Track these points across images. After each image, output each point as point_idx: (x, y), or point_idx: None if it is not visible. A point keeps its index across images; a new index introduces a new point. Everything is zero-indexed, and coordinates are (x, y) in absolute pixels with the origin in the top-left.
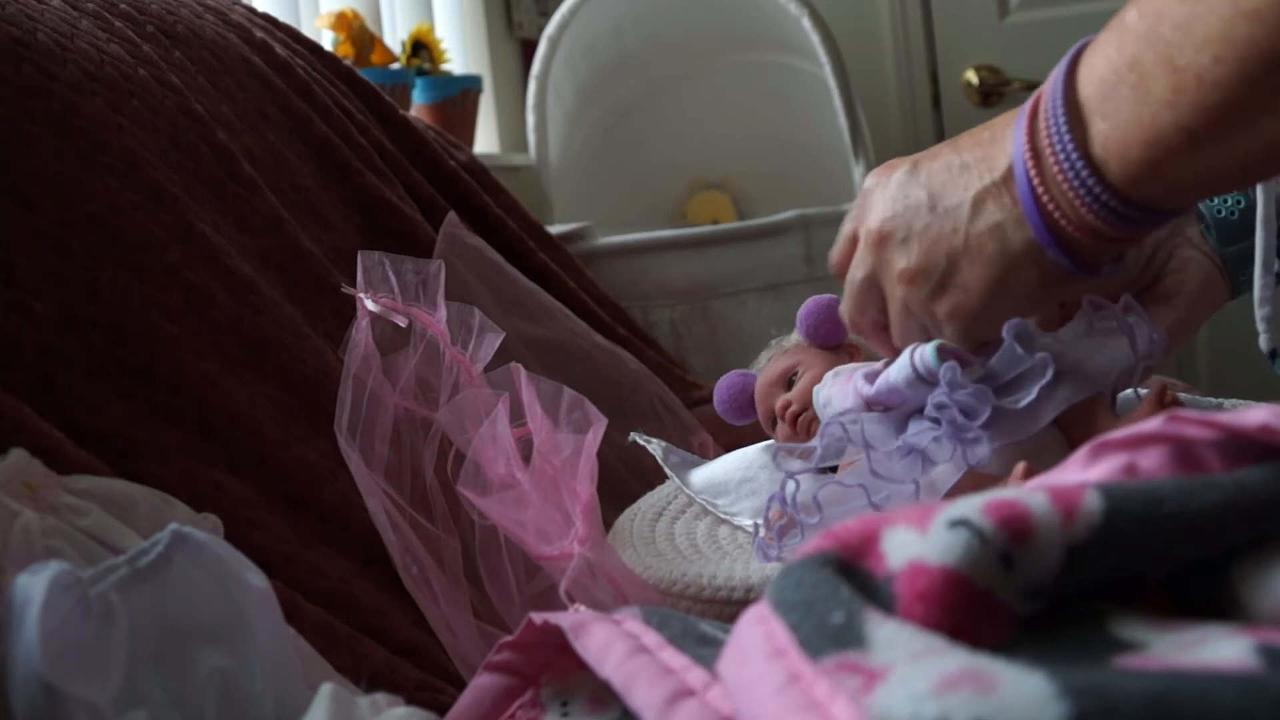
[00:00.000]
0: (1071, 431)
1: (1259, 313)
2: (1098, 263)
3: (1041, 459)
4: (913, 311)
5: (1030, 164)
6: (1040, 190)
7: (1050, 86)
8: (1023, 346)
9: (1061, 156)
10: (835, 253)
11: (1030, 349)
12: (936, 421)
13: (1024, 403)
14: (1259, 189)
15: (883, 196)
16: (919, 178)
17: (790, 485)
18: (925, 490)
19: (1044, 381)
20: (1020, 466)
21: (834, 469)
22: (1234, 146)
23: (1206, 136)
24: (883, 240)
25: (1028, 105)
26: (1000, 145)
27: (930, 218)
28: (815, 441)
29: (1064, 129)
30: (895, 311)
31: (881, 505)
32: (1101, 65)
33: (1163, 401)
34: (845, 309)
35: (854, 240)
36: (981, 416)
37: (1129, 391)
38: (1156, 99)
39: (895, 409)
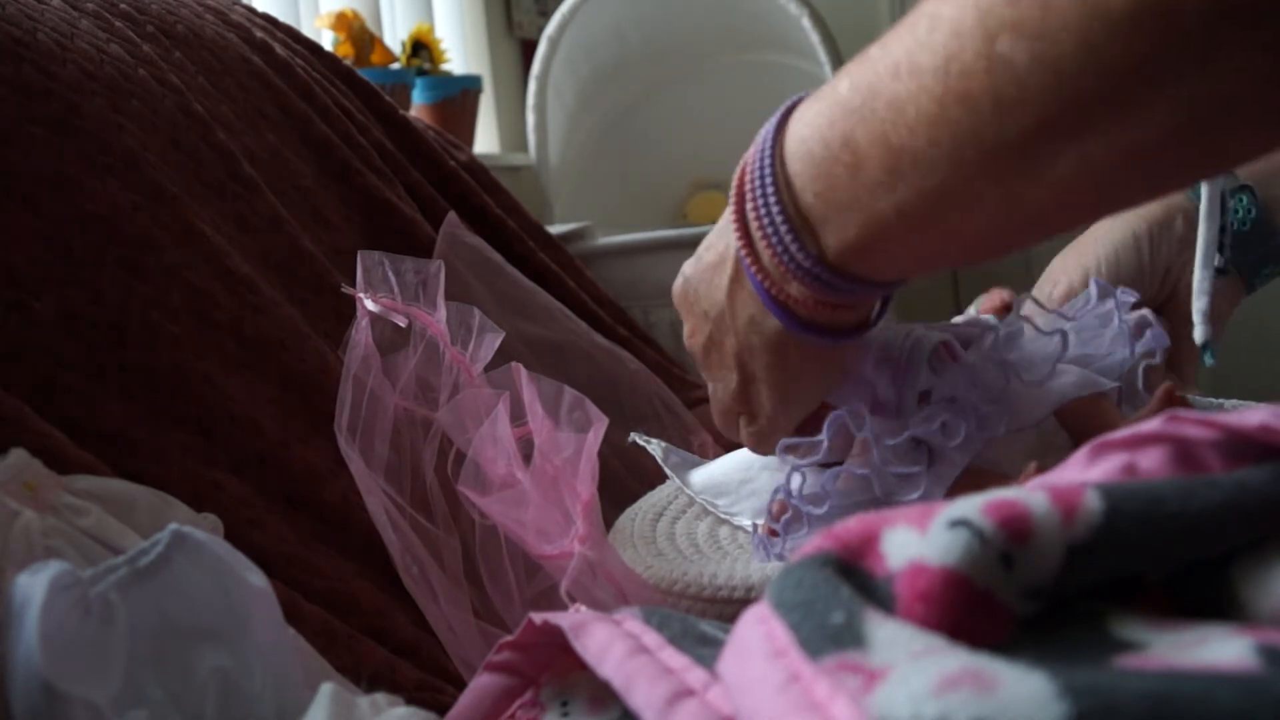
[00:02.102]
0: (1077, 430)
1: (1196, 304)
2: (855, 327)
3: (1046, 458)
4: (731, 406)
5: (746, 254)
6: (763, 280)
7: (755, 164)
8: (852, 428)
9: (779, 246)
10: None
11: (859, 430)
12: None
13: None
14: (1203, 186)
15: (683, 310)
16: (691, 288)
17: (796, 478)
18: (934, 481)
19: (1054, 361)
20: (1031, 466)
21: (839, 464)
22: (950, 229)
23: (922, 219)
24: (693, 350)
25: (733, 192)
26: (727, 235)
27: (709, 325)
28: (822, 435)
29: (774, 213)
30: (717, 409)
31: (888, 496)
32: (813, 140)
33: (1171, 402)
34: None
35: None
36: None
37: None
38: (871, 179)
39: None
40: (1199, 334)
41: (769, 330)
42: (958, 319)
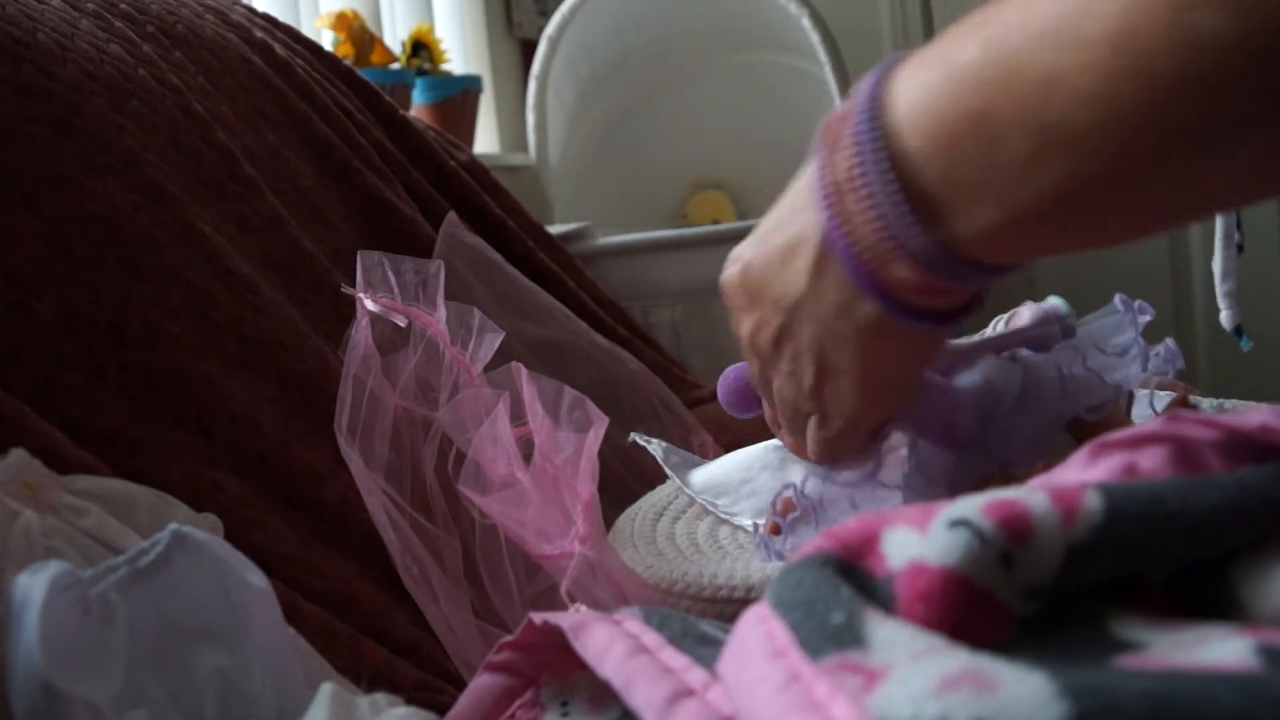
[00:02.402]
0: (1084, 436)
1: (1221, 288)
2: (957, 310)
3: (1051, 460)
4: (802, 409)
5: (844, 236)
6: (869, 266)
7: (858, 135)
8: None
9: (892, 229)
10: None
11: (913, 452)
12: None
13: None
14: None
15: (740, 301)
16: (754, 281)
17: (812, 481)
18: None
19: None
20: (1038, 465)
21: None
22: (1100, 214)
23: (1071, 204)
24: (757, 350)
25: (820, 159)
26: (809, 216)
27: (783, 317)
28: (876, 455)
29: (887, 194)
30: (785, 412)
31: (913, 497)
32: (934, 112)
33: (1184, 408)
34: (765, 406)
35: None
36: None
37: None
38: (1012, 160)
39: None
40: (1227, 319)
41: (863, 316)
42: (999, 327)
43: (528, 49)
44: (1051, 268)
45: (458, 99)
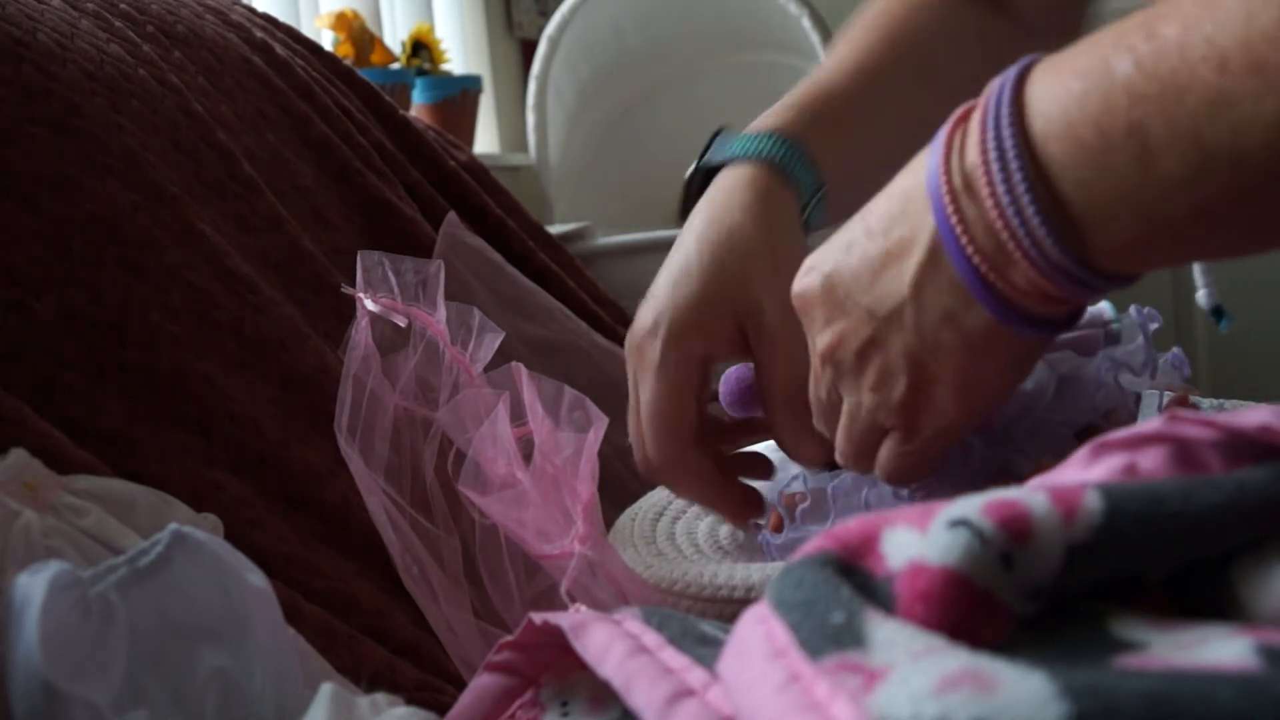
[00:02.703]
0: (1085, 437)
1: (1198, 265)
2: (1066, 319)
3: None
4: (883, 422)
5: (966, 241)
6: (986, 270)
7: (992, 140)
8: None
9: (1023, 235)
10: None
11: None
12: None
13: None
14: None
15: (815, 322)
16: (840, 290)
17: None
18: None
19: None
20: (1043, 463)
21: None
22: (1243, 228)
23: (1224, 223)
24: (837, 363)
25: (938, 161)
26: (919, 221)
27: (875, 327)
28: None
29: (1025, 201)
30: (858, 428)
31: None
32: (1081, 124)
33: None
34: (819, 423)
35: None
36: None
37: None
38: (1166, 177)
39: None
40: (1205, 298)
41: (971, 324)
42: None
43: (528, 49)
44: None
45: (458, 99)
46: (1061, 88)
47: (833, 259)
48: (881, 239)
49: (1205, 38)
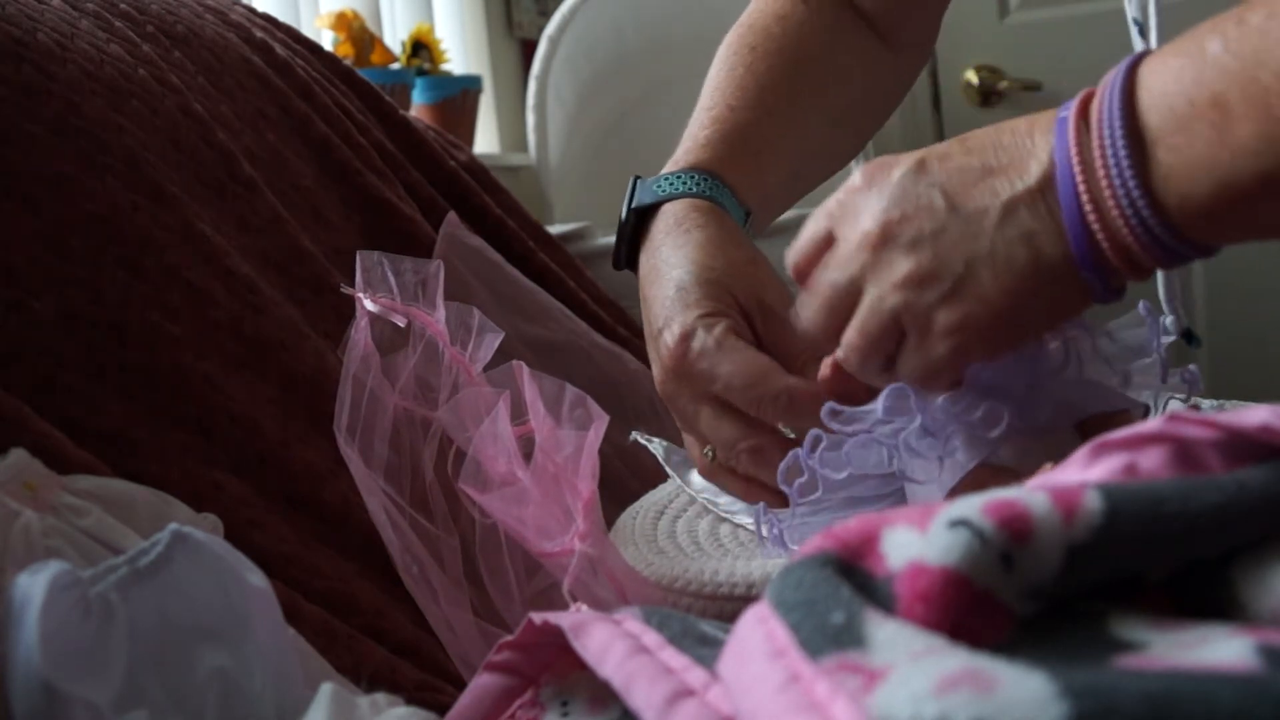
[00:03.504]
0: (1090, 435)
1: (1164, 293)
2: (1121, 288)
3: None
4: (905, 323)
5: (1081, 181)
6: (1089, 210)
7: (1105, 103)
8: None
9: (1118, 183)
10: (798, 254)
11: (922, 409)
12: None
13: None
14: None
15: (881, 195)
16: (930, 176)
17: (820, 440)
18: (949, 469)
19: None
20: (1046, 467)
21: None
22: None
23: None
24: (884, 241)
25: (1070, 116)
26: (1032, 153)
27: (948, 219)
28: (875, 403)
29: (1123, 153)
30: (875, 322)
31: (902, 472)
32: (1175, 93)
33: None
34: (814, 315)
35: (826, 241)
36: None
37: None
38: (1240, 144)
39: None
40: (1172, 325)
41: (1049, 253)
42: None
43: (528, 49)
44: None
45: (458, 99)
46: (1164, 66)
47: (917, 156)
48: (985, 157)
49: None
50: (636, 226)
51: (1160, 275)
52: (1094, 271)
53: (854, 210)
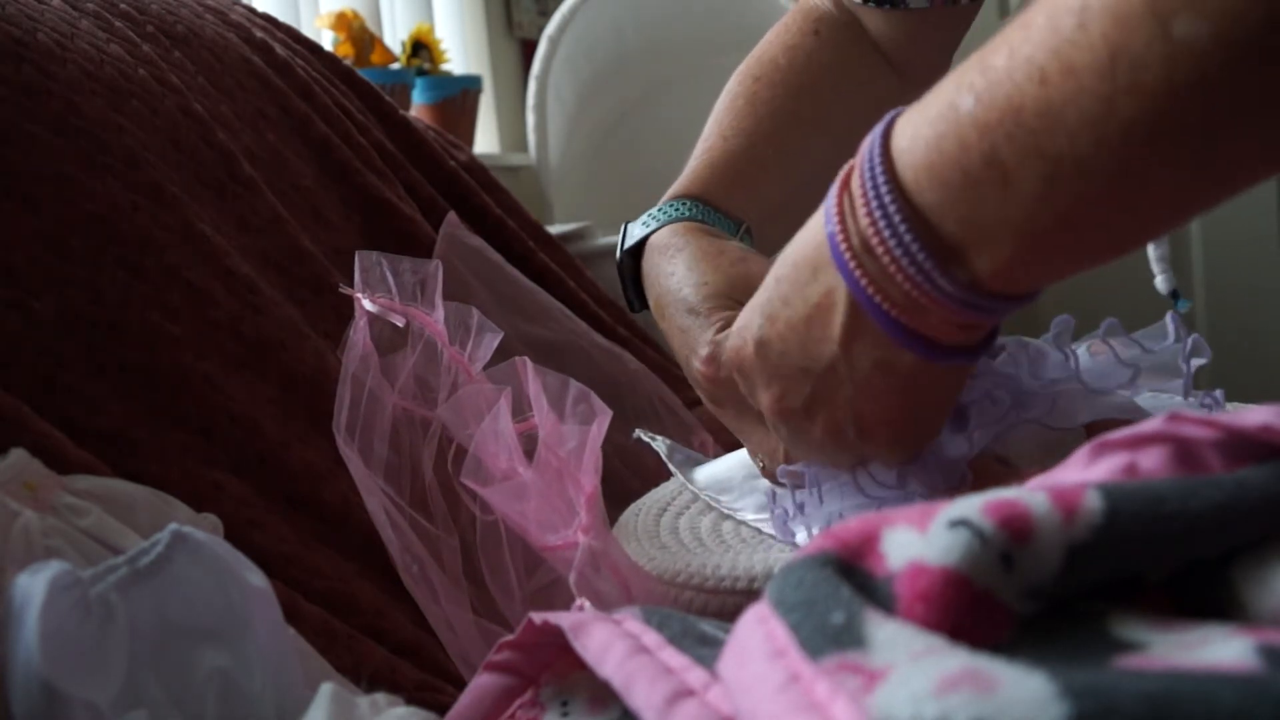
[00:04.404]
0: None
1: (1154, 253)
2: (988, 339)
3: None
4: (845, 459)
5: (880, 299)
6: (906, 320)
7: (873, 204)
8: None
9: (921, 280)
10: (701, 371)
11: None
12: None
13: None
14: None
15: (756, 376)
16: (773, 348)
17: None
18: (949, 456)
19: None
20: (1033, 471)
21: None
22: (1117, 226)
23: (1087, 223)
24: (784, 415)
25: (835, 237)
26: (829, 286)
27: (814, 381)
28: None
29: (914, 249)
30: (826, 458)
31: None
32: (941, 165)
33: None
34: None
35: (731, 397)
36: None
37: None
38: (1026, 194)
39: None
40: (1163, 283)
41: (903, 368)
42: None
43: (528, 49)
44: None
45: (458, 99)
46: (920, 137)
47: (757, 326)
48: (800, 304)
49: (1026, 58)
50: (634, 268)
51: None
52: (951, 356)
53: (748, 389)
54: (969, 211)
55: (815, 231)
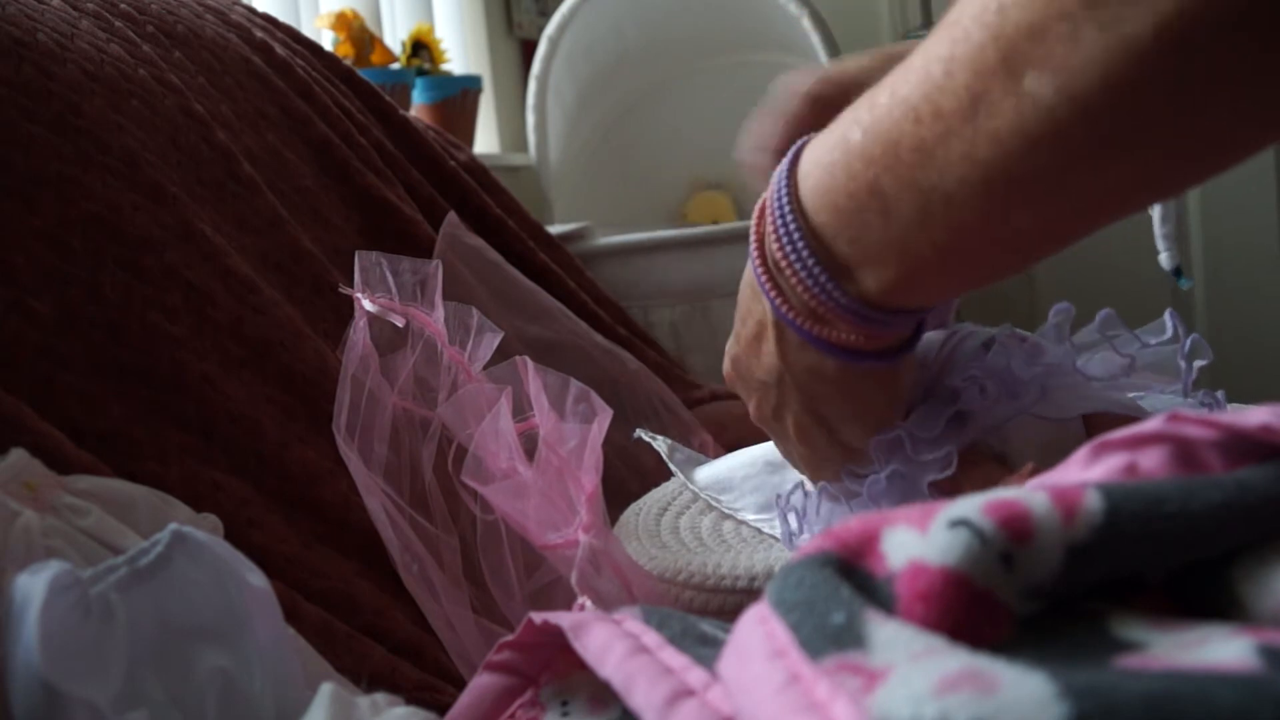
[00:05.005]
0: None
1: (1160, 230)
2: (907, 342)
3: (1058, 459)
4: (822, 462)
5: (792, 314)
6: (816, 329)
7: (778, 223)
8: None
9: (818, 291)
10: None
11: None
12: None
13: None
14: None
15: (739, 387)
16: (741, 365)
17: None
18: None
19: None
20: (1027, 466)
21: None
22: (986, 255)
23: (958, 251)
24: (763, 422)
25: (754, 259)
26: (760, 305)
27: (776, 393)
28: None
29: (813, 268)
30: (808, 470)
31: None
32: (836, 192)
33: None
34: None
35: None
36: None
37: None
38: (904, 222)
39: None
40: (1166, 260)
41: (831, 372)
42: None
43: (528, 49)
44: (1050, 266)
45: (458, 99)
46: (818, 164)
47: (732, 344)
48: (751, 323)
49: (903, 98)
50: None
51: (1156, 211)
52: (872, 359)
53: (742, 398)
54: (857, 234)
55: (749, 262)
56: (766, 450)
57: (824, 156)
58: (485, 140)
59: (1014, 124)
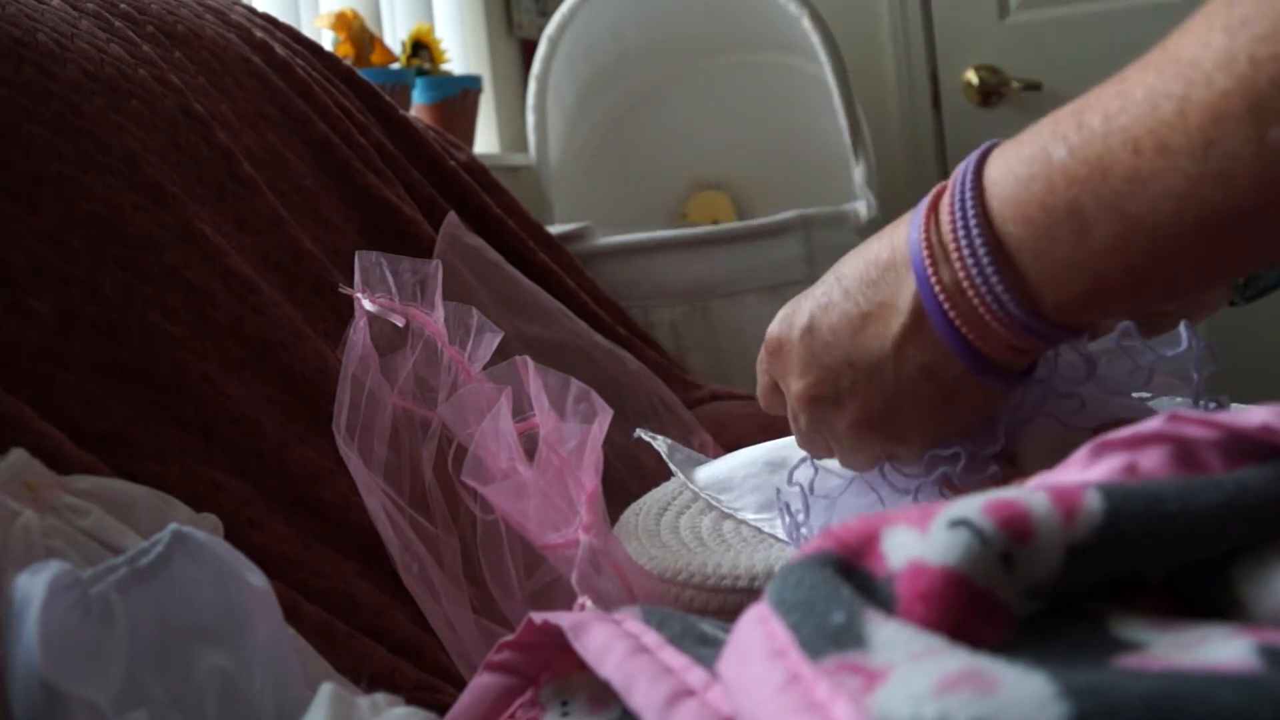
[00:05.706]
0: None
1: None
2: (1029, 369)
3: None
4: (864, 454)
5: (951, 308)
6: (968, 332)
7: (960, 222)
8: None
9: (990, 300)
10: (763, 400)
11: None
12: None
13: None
14: None
15: (793, 362)
16: (820, 336)
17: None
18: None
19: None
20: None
21: None
22: (1170, 282)
23: (1152, 279)
24: (813, 402)
25: (921, 241)
26: (898, 288)
27: (855, 375)
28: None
29: (990, 270)
30: (843, 456)
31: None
32: (1027, 201)
33: None
34: (802, 447)
35: (776, 388)
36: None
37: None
38: (1101, 245)
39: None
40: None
41: (947, 376)
42: None
43: (528, 49)
44: None
45: (458, 99)
46: (1011, 173)
47: (808, 313)
48: (861, 300)
49: (1121, 127)
50: None
51: None
52: (996, 375)
53: (782, 368)
54: (1045, 249)
55: (893, 237)
56: (767, 450)
57: (1019, 167)
58: (485, 140)
59: (1253, 171)
